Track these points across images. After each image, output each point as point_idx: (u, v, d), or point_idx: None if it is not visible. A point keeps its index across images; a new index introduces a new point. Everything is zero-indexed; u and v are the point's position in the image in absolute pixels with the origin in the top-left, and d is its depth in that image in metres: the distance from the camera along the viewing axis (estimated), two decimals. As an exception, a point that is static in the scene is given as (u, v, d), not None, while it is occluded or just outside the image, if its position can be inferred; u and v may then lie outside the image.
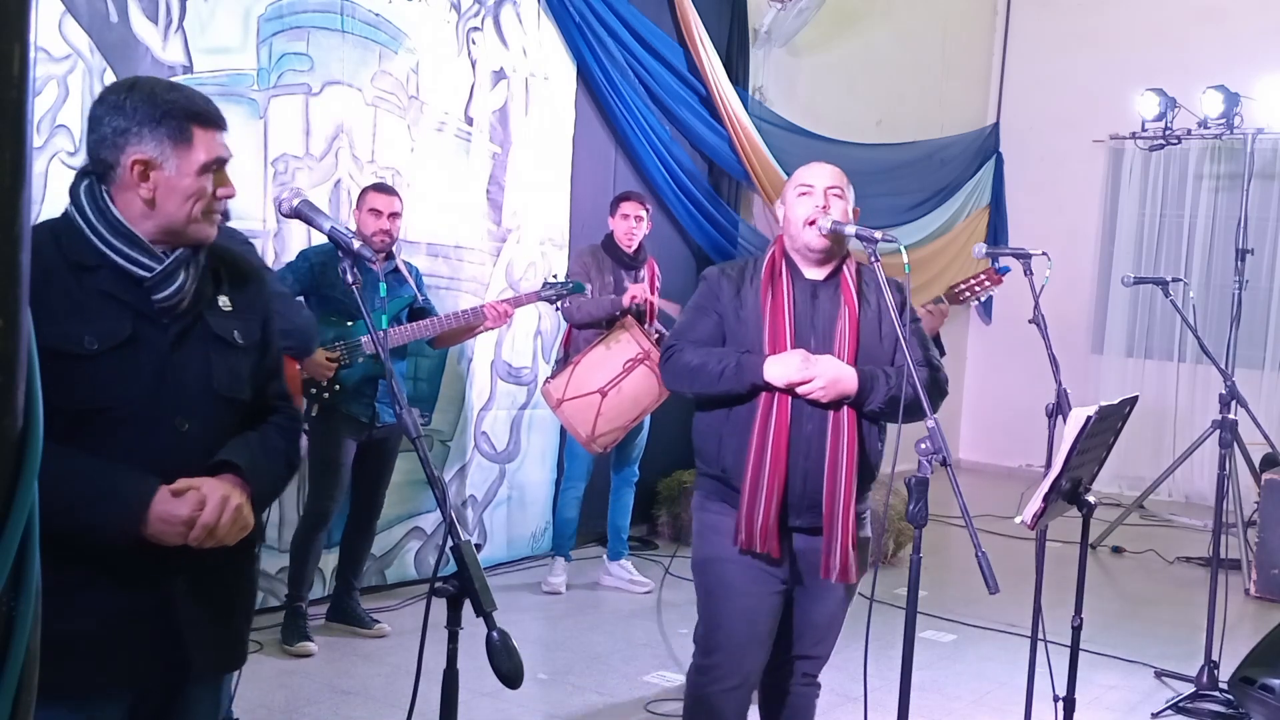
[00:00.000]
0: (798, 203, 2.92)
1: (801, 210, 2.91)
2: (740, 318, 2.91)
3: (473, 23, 5.65)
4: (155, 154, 1.91)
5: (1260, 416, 6.35)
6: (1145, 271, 8.53)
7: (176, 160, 1.92)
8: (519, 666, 1.95)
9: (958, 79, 9.50)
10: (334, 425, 4.57)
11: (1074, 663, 3.38)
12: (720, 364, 2.83)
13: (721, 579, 2.92)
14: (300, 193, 2.49)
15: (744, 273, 2.96)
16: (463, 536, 2.02)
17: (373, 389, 4.58)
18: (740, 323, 2.90)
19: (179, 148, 1.92)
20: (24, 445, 0.92)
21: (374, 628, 4.79)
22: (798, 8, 7.25)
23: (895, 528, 6.06)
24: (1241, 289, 7.12)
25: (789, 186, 3.00)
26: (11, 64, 0.86)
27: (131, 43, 4.36)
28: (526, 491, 6.08)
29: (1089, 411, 2.92)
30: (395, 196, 4.61)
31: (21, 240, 0.90)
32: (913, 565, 2.67)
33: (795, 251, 2.94)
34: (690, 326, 2.95)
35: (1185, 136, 7.97)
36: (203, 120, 1.97)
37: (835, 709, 4.15)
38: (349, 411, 4.57)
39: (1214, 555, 4.53)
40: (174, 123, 1.92)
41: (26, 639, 0.93)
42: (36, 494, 0.94)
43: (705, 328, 2.93)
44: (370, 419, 4.60)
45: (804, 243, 2.91)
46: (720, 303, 2.93)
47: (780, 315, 2.86)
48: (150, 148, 1.90)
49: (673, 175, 6.71)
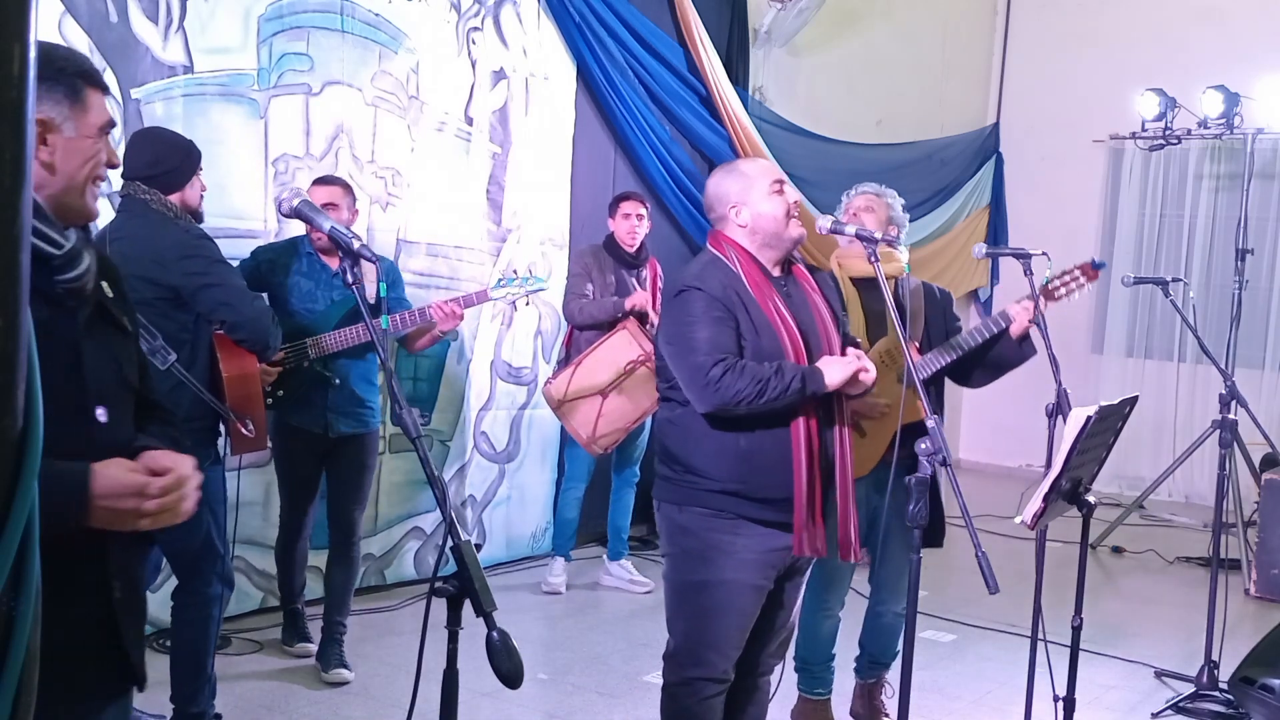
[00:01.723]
0: (774, 200, 2.91)
1: (780, 206, 2.91)
2: (755, 328, 2.83)
3: (473, 23, 5.65)
4: (54, 115, 1.77)
5: (1260, 416, 6.35)
6: (1145, 271, 8.52)
7: (74, 121, 1.79)
8: (519, 666, 1.95)
9: (958, 79, 9.50)
10: (285, 438, 4.28)
11: (1074, 663, 3.38)
12: (783, 379, 2.73)
13: (726, 603, 2.87)
14: (300, 193, 2.48)
15: (722, 283, 2.85)
16: (463, 536, 2.02)
17: (323, 397, 4.19)
18: (756, 333, 2.83)
19: (75, 108, 1.79)
20: (24, 445, 0.92)
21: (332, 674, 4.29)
22: (798, 8, 7.25)
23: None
24: (1241, 289, 7.12)
25: (750, 187, 2.93)
26: (11, 64, 0.85)
27: (131, 43, 4.36)
28: (526, 491, 6.08)
29: (1089, 411, 2.92)
30: (337, 186, 4.28)
31: (22, 240, 0.90)
32: (913, 565, 2.68)
33: (766, 249, 2.92)
34: (717, 344, 2.79)
35: (1185, 136, 7.97)
36: (93, 80, 1.83)
37: (835, 709, 4.15)
38: (298, 423, 4.22)
39: (1214, 555, 4.53)
40: (70, 81, 1.79)
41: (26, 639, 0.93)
42: (37, 494, 0.94)
43: (731, 341, 2.81)
44: (324, 429, 4.21)
45: (791, 237, 2.91)
46: (731, 314, 2.83)
47: (785, 318, 2.87)
48: (48, 108, 1.76)
49: (673, 175, 6.71)
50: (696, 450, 2.86)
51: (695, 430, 2.85)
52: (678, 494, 2.90)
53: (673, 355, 2.87)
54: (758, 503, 2.82)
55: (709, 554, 2.86)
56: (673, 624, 2.98)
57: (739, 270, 2.88)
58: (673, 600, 2.98)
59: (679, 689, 2.94)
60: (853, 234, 2.96)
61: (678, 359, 2.85)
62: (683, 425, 2.87)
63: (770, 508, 2.83)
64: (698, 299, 2.84)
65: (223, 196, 4.59)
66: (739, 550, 2.84)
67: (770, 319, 2.84)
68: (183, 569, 3.58)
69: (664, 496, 2.96)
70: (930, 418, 2.63)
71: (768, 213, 2.90)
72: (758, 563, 2.86)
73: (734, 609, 2.88)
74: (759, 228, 2.91)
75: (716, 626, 2.88)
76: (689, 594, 2.91)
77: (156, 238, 3.38)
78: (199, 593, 3.55)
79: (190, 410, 3.38)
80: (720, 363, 2.75)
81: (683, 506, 2.90)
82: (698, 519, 2.87)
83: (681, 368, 2.84)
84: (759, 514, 2.83)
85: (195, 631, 3.56)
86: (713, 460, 2.84)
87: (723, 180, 3.01)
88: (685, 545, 2.90)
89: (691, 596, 2.91)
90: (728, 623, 2.88)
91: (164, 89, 4.46)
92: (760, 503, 2.82)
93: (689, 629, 2.92)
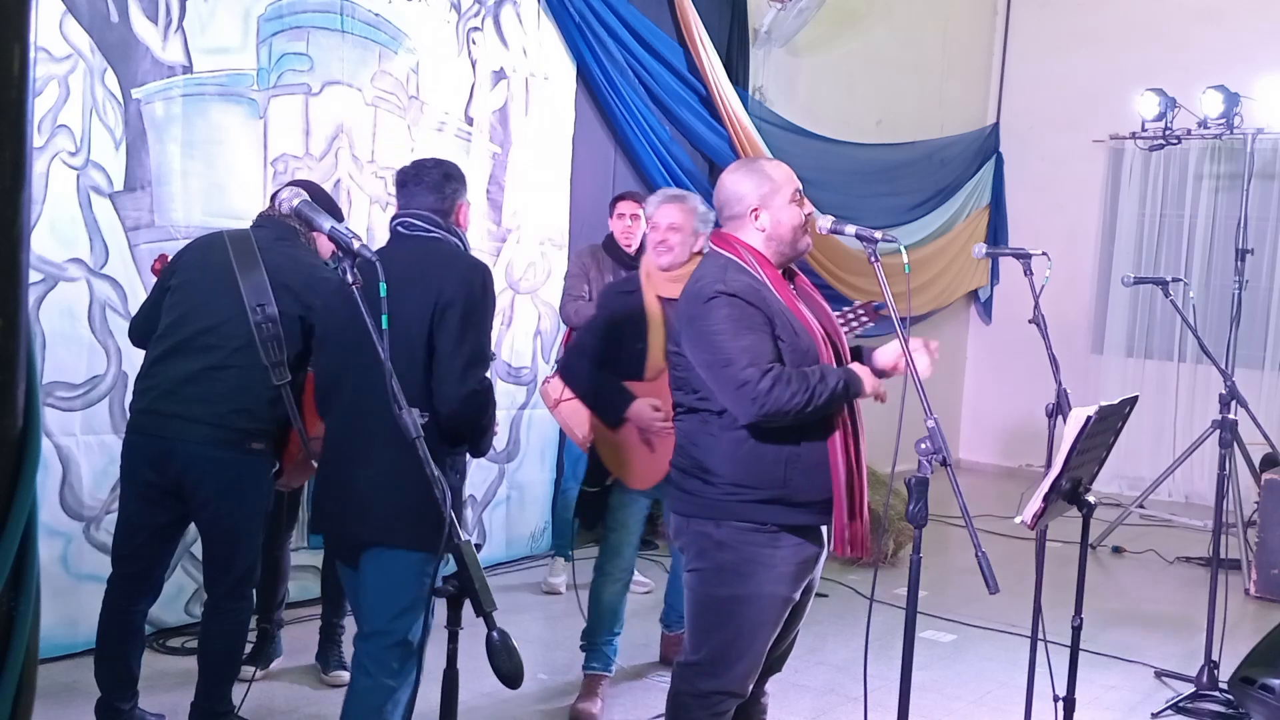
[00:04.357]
0: (793, 209, 2.91)
1: (798, 217, 2.91)
2: (793, 329, 2.81)
3: (473, 23, 5.65)
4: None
5: (1260, 416, 6.35)
6: (1145, 271, 8.53)
7: None
8: (519, 666, 1.95)
9: (958, 79, 9.50)
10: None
11: (1074, 663, 3.38)
12: (827, 384, 2.73)
13: (761, 617, 2.85)
14: (300, 192, 2.48)
15: (748, 284, 2.82)
16: (463, 536, 2.02)
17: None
18: (794, 333, 2.81)
19: None
20: (24, 445, 0.92)
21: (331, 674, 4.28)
22: (798, 8, 7.25)
23: (895, 528, 6.05)
24: (1241, 289, 7.12)
25: (775, 193, 2.90)
26: (11, 64, 0.86)
27: (132, 43, 4.36)
28: (526, 491, 6.07)
29: (1089, 411, 2.92)
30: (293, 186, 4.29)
31: (22, 240, 0.90)
32: (913, 565, 2.68)
33: (777, 255, 2.92)
34: (758, 353, 2.75)
35: (1185, 136, 7.96)
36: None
37: (835, 709, 4.16)
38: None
39: (1214, 555, 4.53)
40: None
41: (26, 639, 0.93)
42: (36, 494, 0.94)
43: (769, 347, 2.78)
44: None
45: (804, 247, 2.93)
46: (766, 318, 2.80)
47: (809, 318, 2.88)
48: None
49: (673, 175, 6.70)
50: (737, 461, 2.81)
51: (732, 441, 2.80)
52: (715, 509, 2.85)
53: (708, 366, 2.80)
54: (799, 508, 2.82)
55: (746, 568, 2.82)
56: (697, 637, 2.93)
57: (760, 273, 2.85)
58: (701, 614, 2.93)
59: (692, 699, 2.92)
60: (853, 234, 2.95)
61: (714, 370, 2.78)
62: (719, 437, 2.83)
63: (810, 511, 2.83)
64: (728, 306, 2.77)
65: (222, 197, 4.59)
66: (777, 563, 2.83)
67: (797, 313, 2.84)
68: (230, 581, 3.50)
69: (697, 512, 2.89)
70: (930, 418, 2.63)
71: (787, 221, 2.89)
72: (792, 575, 2.87)
73: (768, 622, 2.88)
74: (776, 235, 2.90)
75: (749, 642, 2.86)
76: (722, 608, 2.87)
77: (311, 267, 3.58)
78: (238, 603, 3.52)
79: (272, 424, 3.46)
80: (767, 373, 2.70)
81: (720, 521, 2.84)
82: (737, 533, 2.83)
83: (720, 379, 2.77)
84: (800, 519, 2.83)
85: (231, 641, 3.55)
86: (754, 469, 2.80)
87: (744, 179, 2.94)
88: (721, 560, 2.85)
89: (725, 610, 2.86)
90: (761, 636, 2.88)
91: (164, 89, 4.46)
92: (802, 507, 2.82)
93: (719, 643, 2.88)
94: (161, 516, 3.49)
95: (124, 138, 4.37)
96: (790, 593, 2.89)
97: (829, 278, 7.52)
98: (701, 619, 2.92)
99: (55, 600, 4.01)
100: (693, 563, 2.93)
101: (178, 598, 4.56)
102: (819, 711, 4.24)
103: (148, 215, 4.44)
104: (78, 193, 4.25)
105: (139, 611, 3.57)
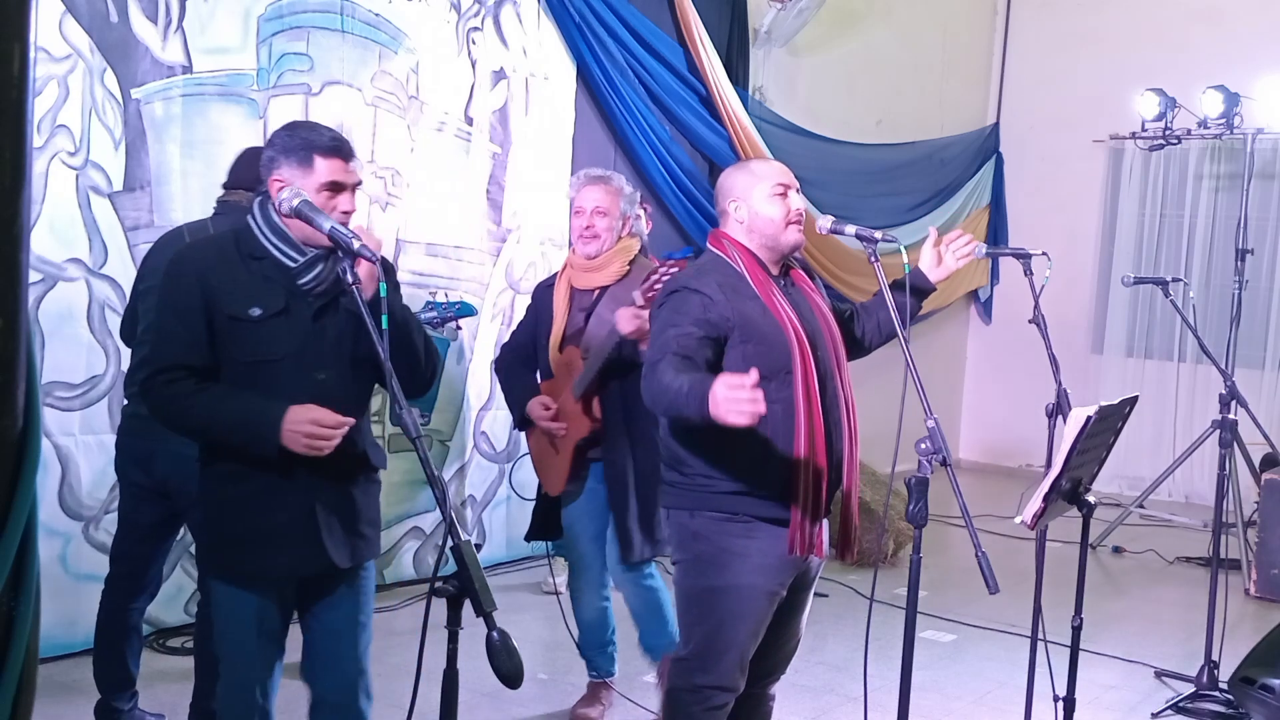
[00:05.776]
0: (774, 203, 2.90)
1: (780, 210, 2.90)
2: (761, 324, 2.80)
3: (473, 23, 5.65)
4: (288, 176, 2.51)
5: (1260, 416, 6.35)
6: (1145, 271, 8.52)
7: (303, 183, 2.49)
8: (519, 666, 1.95)
9: (958, 79, 9.50)
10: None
11: (1074, 663, 3.37)
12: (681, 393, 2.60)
13: (740, 608, 2.85)
14: (300, 192, 2.48)
15: (719, 282, 2.82)
16: (462, 536, 2.03)
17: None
18: (763, 336, 2.79)
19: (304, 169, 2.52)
20: (24, 445, 0.92)
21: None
22: (798, 8, 7.25)
23: (895, 528, 6.05)
24: (1241, 289, 7.12)
25: (753, 186, 2.91)
26: (11, 64, 0.86)
27: (131, 43, 4.36)
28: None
29: (1089, 411, 2.92)
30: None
31: (21, 240, 0.90)
32: (913, 565, 2.67)
33: (764, 249, 2.91)
34: (680, 345, 2.73)
35: (1185, 136, 7.96)
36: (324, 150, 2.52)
37: (835, 709, 4.15)
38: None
39: (1214, 555, 4.53)
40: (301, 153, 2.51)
41: (26, 639, 0.93)
42: (36, 494, 0.94)
43: (701, 347, 2.76)
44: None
45: (789, 242, 2.91)
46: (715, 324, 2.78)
47: (788, 311, 2.86)
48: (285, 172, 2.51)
49: (673, 175, 6.70)
50: (703, 452, 2.83)
51: (700, 432, 2.79)
52: (689, 499, 2.87)
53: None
54: (769, 501, 2.80)
55: (722, 558, 2.83)
56: (685, 631, 2.96)
57: (741, 267, 2.87)
58: (685, 607, 2.95)
59: (685, 694, 2.92)
60: (853, 234, 2.96)
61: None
62: (688, 428, 2.82)
63: (779, 505, 2.81)
64: (683, 302, 2.81)
65: (222, 196, 4.59)
66: (753, 554, 2.82)
67: (773, 309, 2.83)
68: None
69: (674, 503, 2.92)
70: (930, 418, 2.63)
71: (764, 214, 2.89)
72: (771, 567, 2.84)
73: (748, 614, 2.85)
74: (755, 227, 2.91)
75: (730, 633, 2.86)
76: (703, 600, 2.88)
77: None
78: None
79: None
80: (663, 359, 2.69)
81: (695, 512, 2.87)
82: (710, 523, 2.85)
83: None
84: (772, 512, 2.81)
85: None
86: (721, 460, 2.82)
87: (731, 175, 3.01)
88: (698, 551, 2.87)
89: (705, 602, 2.88)
90: (742, 628, 2.86)
91: (163, 89, 4.47)
92: (772, 500, 2.80)
93: (703, 635, 2.89)
94: (153, 515, 3.52)
95: (123, 138, 4.37)
96: (771, 585, 2.86)
97: (829, 278, 7.51)
98: (686, 612, 2.96)
99: (54, 600, 4.01)
100: (675, 554, 2.97)
101: (177, 597, 4.57)
102: (819, 711, 4.24)
103: (147, 215, 4.44)
104: (77, 193, 4.25)
105: (135, 610, 3.57)
